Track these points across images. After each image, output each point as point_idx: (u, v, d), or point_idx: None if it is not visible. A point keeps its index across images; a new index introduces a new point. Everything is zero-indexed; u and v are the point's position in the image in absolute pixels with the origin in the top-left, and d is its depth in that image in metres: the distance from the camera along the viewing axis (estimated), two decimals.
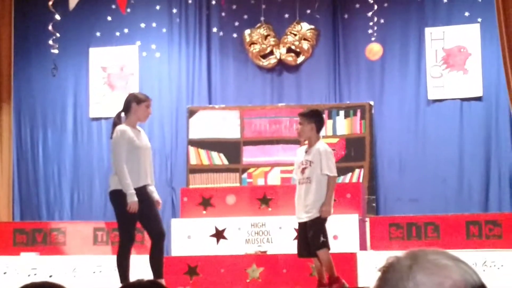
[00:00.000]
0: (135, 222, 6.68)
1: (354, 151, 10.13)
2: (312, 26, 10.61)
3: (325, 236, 6.77)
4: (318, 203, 6.77)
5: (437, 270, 1.38)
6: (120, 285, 6.61)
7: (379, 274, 1.45)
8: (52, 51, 9.53)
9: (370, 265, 7.64)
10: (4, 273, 8.47)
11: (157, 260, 6.70)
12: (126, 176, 6.55)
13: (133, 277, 6.52)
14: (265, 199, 8.76)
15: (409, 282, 1.38)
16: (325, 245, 6.75)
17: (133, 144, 6.66)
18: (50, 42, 9.59)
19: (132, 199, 6.53)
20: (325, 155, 6.80)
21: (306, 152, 6.97)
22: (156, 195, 6.85)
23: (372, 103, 10.25)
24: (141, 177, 6.67)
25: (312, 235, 6.76)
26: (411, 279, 1.38)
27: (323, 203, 6.74)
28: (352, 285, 7.30)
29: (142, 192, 6.64)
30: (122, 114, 6.88)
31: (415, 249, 1.43)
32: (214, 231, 8.58)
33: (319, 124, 7.01)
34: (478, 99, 10.03)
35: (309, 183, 6.80)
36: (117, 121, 6.84)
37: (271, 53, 10.70)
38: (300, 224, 6.93)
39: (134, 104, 6.81)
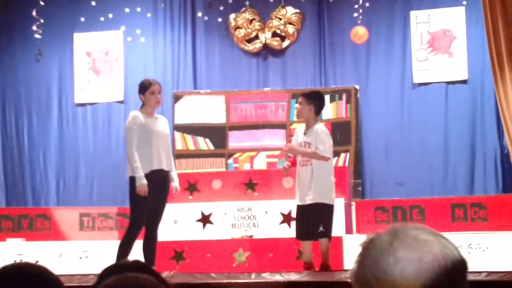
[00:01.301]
0: (146, 210, 6.67)
1: (339, 135, 10.13)
2: (297, 10, 10.58)
3: (326, 226, 6.77)
4: (321, 189, 6.77)
5: (417, 245, 1.39)
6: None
7: (360, 249, 1.45)
8: (36, 36, 9.48)
9: (356, 248, 7.65)
10: None
11: (150, 247, 6.72)
12: (135, 160, 6.59)
13: None
14: (251, 184, 8.76)
15: (390, 257, 1.38)
16: (324, 235, 6.76)
17: (144, 129, 6.68)
18: (34, 27, 9.53)
19: (141, 181, 6.56)
20: (323, 136, 6.80)
21: (304, 133, 6.97)
22: (173, 181, 6.83)
23: (357, 87, 10.25)
24: (154, 161, 6.68)
25: (311, 221, 6.77)
26: (391, 254, 1.38)
27: (297, 148, 6.83)
28: (338, 268, 7.33)
29: (155, 177, 6.65)
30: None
31: (396, 225, 1.43)
32: (200, 216, 8.58)
33: (319, 107, 7.01)
34: (464, 82, 10.05)
35: (310, 165, 6.82)
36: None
37: (256, 37, 10.67)
38: (299, 206, 6.92)
39: (141, 96, 6.84)
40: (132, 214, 6.79)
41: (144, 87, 6.84)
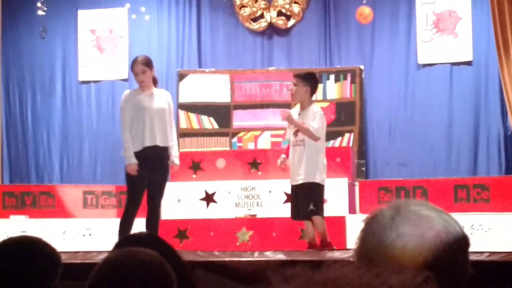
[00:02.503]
0: (143, 186, 6.68)
1: (344, 115, 10.13)
2: None
3: (316, 204, 6.76)
4: (311, 169, 6.77)
5: (419, 221, 1.39)
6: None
7: (362, 225, 1.46)
8: (40, 13, 9.45)
9: (359, 228, 7.67)
10: None
11: (152, 225, 6.75)
12: (126, 139, 6.64)
13: None
14: (255, 163, 8.77)
15: (392, 232, 1.39)
16: (315, 213, 6.76)
17: (137, 106, 6.68)
18: (38, 4, 9.51)
19: (129, 161, 6.59)
20: (316, 116, 6.79)
21: (299, 114, 6.97)
22: (172, 156, 6.82)
23: (362, 67, 10.23)
24: (146, 138, 6.67)
25: (302, 200, 6.79)
26: (393, 230, 1.39)
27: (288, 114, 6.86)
28: (341, 248, 7.35)
29: (148, 153, 6.65)
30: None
31: (398, 201, 1.44)
32: (204, 195, 8.60)
33: (314, 88, 7.00)
34: (468, 63, 10.02)
35: (303, 145, 6.80)
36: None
37: (262, 16, 10.63)
38: (293, 186, 6.94)
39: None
40: (128, 191, 6.81)
41: (131, 67, 6.89)
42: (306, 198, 6.78)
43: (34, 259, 2.22)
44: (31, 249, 2.20)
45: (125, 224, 6.70)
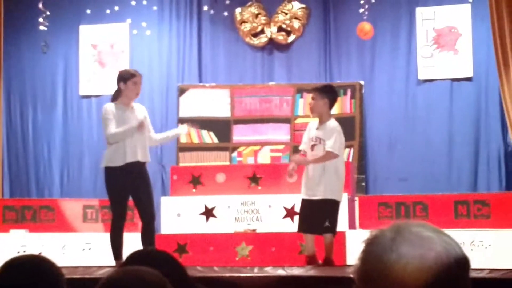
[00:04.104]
0: (126, 199, 6.69)
1: (344, 130, 10.10)
2: (303, 5, 10.58)
3: (332, 221, 6.77)
4: (331, 185, 6.77)
5: (420, 242, 1.40)
6: (114, 262, 6.65)
7: (363, 246, 1.46)
8: (41, 28, 9.50)
9: (358, 244, 7.66)
10: None
11: (148, 241, 6.73)
12: (120, 131, 6.59)
13: (126, 254, 6.54)
14: (254, 178, 8.78)
15: (393, 254, 1.39)
16: (329, 230, 6.77)
17: (118, 121, 6.65)
18: (40, 19, 9.56)
19: (130, 126, 6.59)
20: (335, 134, 6.78)
21: (317, 128, 6.93)
22: (172, 131, 6.87)
23: (362, 82, 10.25)
24: (127, 154, 6.66)
25: (318, 216, 6.77)
26: (394, 250, 1.39)
27: (304, 159, 6.80)
28: (341, 263, 7.35)
29: (130, 169, 6.63)
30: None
31: (398, 222, 1.45)
32: (203, 209, 8.60)
33: (332, 100, 6.97)
34: (468, 79, 10.04)
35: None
36: (112, 99, 6.87)
37: (262, 32, 10.67)
38: (306, 200, 6.92)
39: (121, 84, 6.80)
40: (112, 207, 6.79)
41: (127, 76, 6.82)
42: (323, 214, 6.77)
43: (42, 277, 2.24)
44: (38, 267, 2.22)
45: (116, 240, 6.69)
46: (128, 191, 6.63)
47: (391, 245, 1.40)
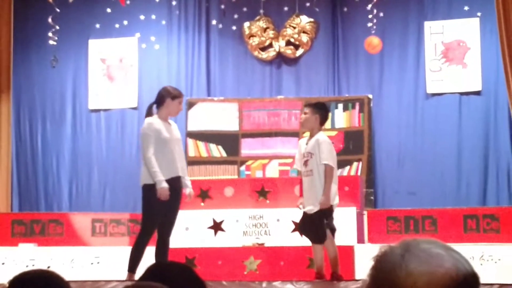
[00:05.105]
0: (160, 217, 6.69)
1: (352, 144, 10.13)
2: (312, 19, 10.60)
3: (330, 225, 6.80)
4: (319, 197, 6.78)
5: (429, 259, 1.39)
6: (126, 273, 6.67)
7: (372, 263, 1.46)
8: (51, 42, 9.54)
9: (367, 258, 7.63)
10: (2, 263, 8.48)
11: (162, 254, 6.74)
12: (153, 165, 6.60)
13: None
14: (263, 192, 8.77)
15: (402, 271, 1.39)
16: (321, 240, 6.76)
17: (160, 136, 6.71)
18: (50, 34, 9.61)
19: (161, 185, 6.56)
20: (323, 146, 6.81)
21: (306, 144, 6.99)
22: (187, 187, 6.87)
23: (371, 96, 10.25)
24: (169, 169, 6.71)
25: (311, 228, 6.81)
26: (403, 268, 1.39)
27: (322, 194, 6.77)
28: (350, 278, 7.32)
29: (171, 184, 6.68)
30: (154, 106, 6.95)
31: (408, 239, 1.44)
32: (212, 223, 8.59)
33: (324, 117, 7.03)
34: (477, 93, 10.03)
35: (312, 175, 6.82)
36: (148, 113, 6.92)
37: (270, 45, 10.70)
38: (304, 212, 6.97)
39: (168, 99, 6.87)
40: (144, 221, 6.80)
41: (175, 95, 6.91)
42: (314, 226, 6.79)
43: None
44: (47, 282, 2.22)
45: (137, 253, 6.70)
46: (163, 207, 6.66)
47: (400, 262, 1.40)
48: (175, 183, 6.75)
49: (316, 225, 6.79)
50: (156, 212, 6.65)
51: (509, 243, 7.96)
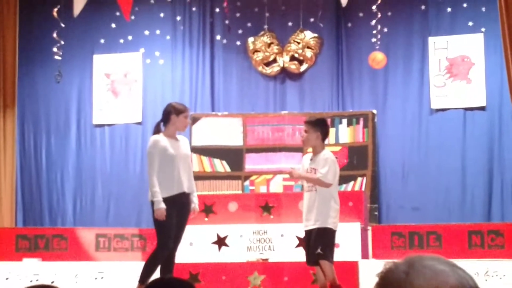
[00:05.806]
0: (173, 230, 6.71)
1: (356, 159, 10.13)
2: (316, 35, 10.63)
3: (324, 248, 6.71)
4: (323, 214, 6.75)
5: (433, 275, 1.39)
6: (137, 284, 6.69)
7: (376, 280, 1.46)
8: (56, 57, 9.58)
9: (371, 273, 7.62)
10: (6, 278, 8.48)
11: (168, 269, 6.74)
12: (154, 184, 6.65)
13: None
14: (267, 207, 8.76)
15: (406, 287, 1.39)
16: (322, 257, 6.70)
17: (166, 153, 6.72)
18: (55, 49, 9.65)
19: (158, 206, 6.61)
20: (328, 163, 6.79)
21: (311, 159, 6.97)
22: (193, 202, 6.88)
23: (375, 111, 10.26)
24: (175, 185, 6.72)
25: (312, 245, 6.77)
26: (408, 285, 1.39)
27: (298, 173, 6.85)
28: None
29: (177, 200, 6.70)
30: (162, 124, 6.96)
31: (412, 255, 1.44)
32: (216, 238, 8.58)
33: (325, 133, 7.01)
34: (482, 108, 10.03)
35: (315, 191, 6.80)
36: (156, 130, 6.94)
37: (275, 61, 10.72)
38: (306, 231, 6.92)
39: (173, 116, 6.88)
40: (159, 236, 6.81)
41: (180, 110, 6.93)
42: (315, 242, 6.75)
43: None
44: None
45: (151, 267, 6.71)
46: (173, 222, 6.69)
47: (405, 279, 1.39)
48: (180, 200, 6.76)
49: (314, 243, 6.74)
50: (168, 225, 6.68)
51: None
